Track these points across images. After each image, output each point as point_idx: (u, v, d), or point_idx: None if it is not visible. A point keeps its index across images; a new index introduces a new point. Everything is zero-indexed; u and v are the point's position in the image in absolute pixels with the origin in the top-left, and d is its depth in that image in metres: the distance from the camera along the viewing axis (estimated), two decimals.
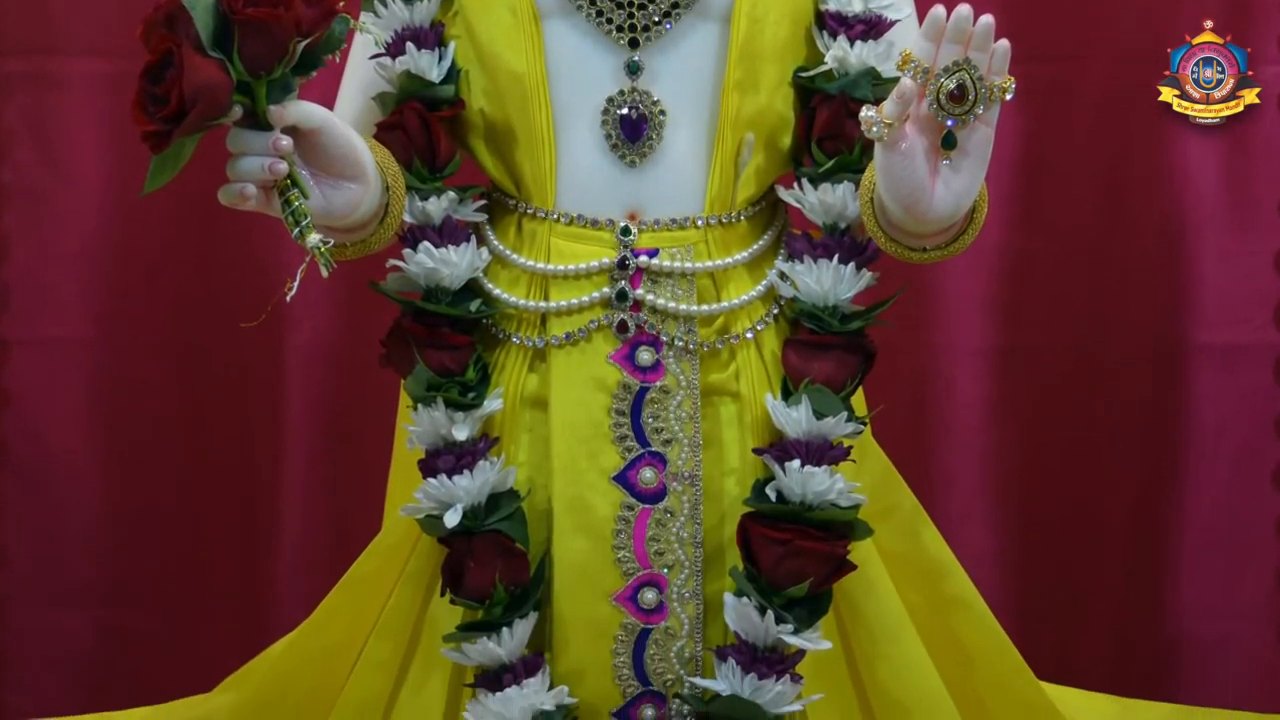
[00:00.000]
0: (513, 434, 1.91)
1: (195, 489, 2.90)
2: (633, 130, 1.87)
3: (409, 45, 1.89)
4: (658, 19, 1.87)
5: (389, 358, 1.92)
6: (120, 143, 2.81)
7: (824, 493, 1.85)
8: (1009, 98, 1.70)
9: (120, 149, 2.81)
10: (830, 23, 1.91)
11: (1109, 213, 2.86)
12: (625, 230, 1.88)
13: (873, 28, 1.91)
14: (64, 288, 2.88)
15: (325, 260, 1.65)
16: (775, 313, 1.94)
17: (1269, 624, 2.88)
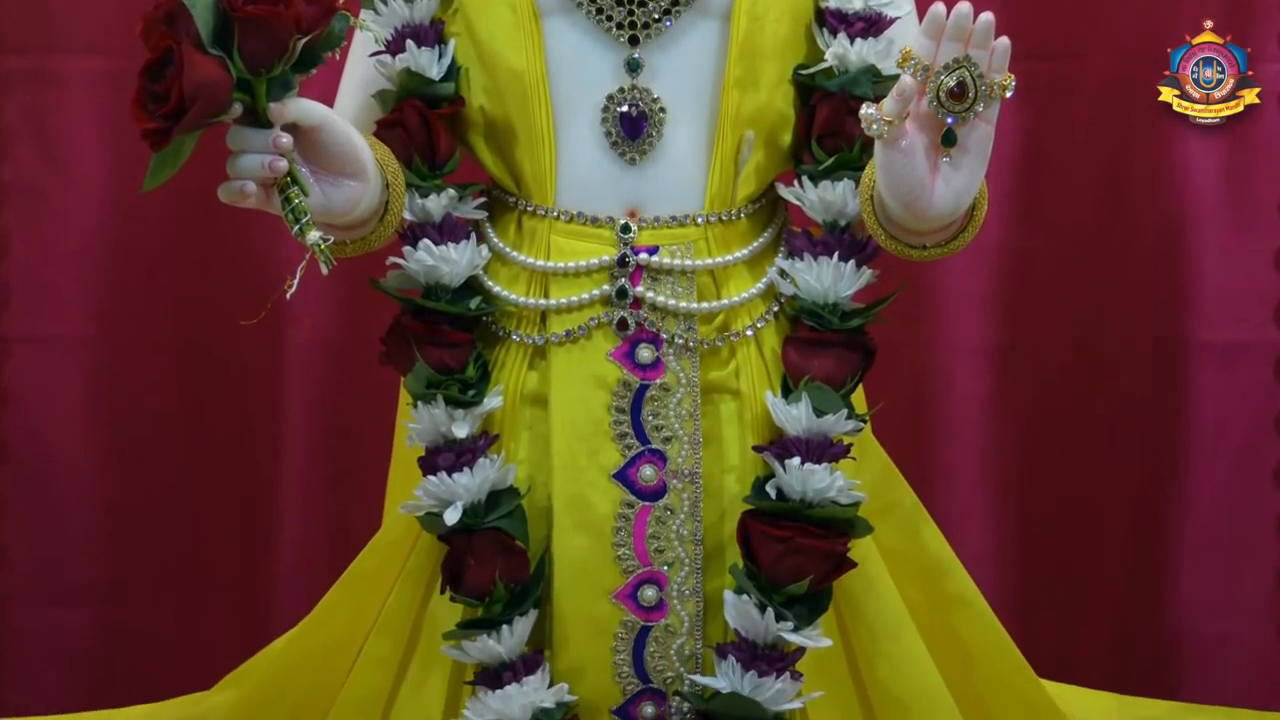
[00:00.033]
0: (513, 431, 1.91)
1: (195, 487, 2.90)
2: (633, 128, 1.87)
3: (409, 43, 1.89)
4: (658, 16, 1.87)
5: (389, 355, 1.92)
6: (120, 140, 2.81)
7: (824, 490, 1.85)
8: (1009, 95, 1.70)
9: (120, 147, 2.81)
10: (830, 20, 1.91)
11: (1109, 210, 2.86)
12: (625, 228, 1.88)
13: (873, 25, 1.91)
14: (64, 285, 2.88)
15: (325, 258, 1.66)
16: (775, 310, 1.93)
17: (1269, 622, 2.88)
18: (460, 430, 1.87)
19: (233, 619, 2.89)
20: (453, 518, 1.85)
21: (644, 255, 1.88)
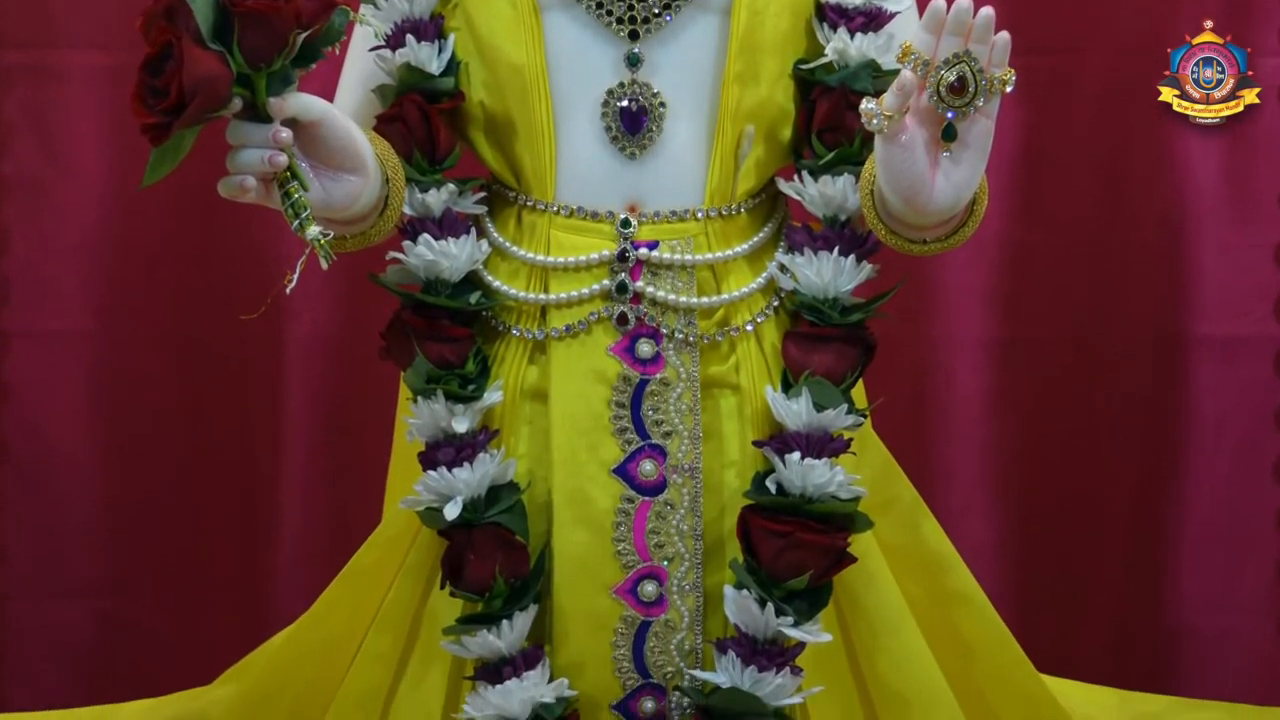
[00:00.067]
0: (513, 426, 1.91)
1: (195, 481, 2.90)
2: (632, 122, 1.87)
3: (409, 37, 1.89)
4: (658, 11, 1.87)
5: (389, 350, 1.92)
6: (120, 135, 2.80)
7: (824, 485, 1.85)
8: (1009, 90, 1.70)
9: (120, 142, 2.81)
10: (830, 15, 1.91)
11: (1109, 205, 2.86)
12: (625, 222, 1.88)
13: (873, 20, 1.91)
14: (64, 280, 2.88)
15: (325, 252, 1.65)
16: (775, 305, 1.93)
17: (1269, 617, 2.88)
18: (460, 425, 1.87)
19: (233, 614, 2.89)
20: (453, 513, 1.85)
21: (644, 250, 1.88)
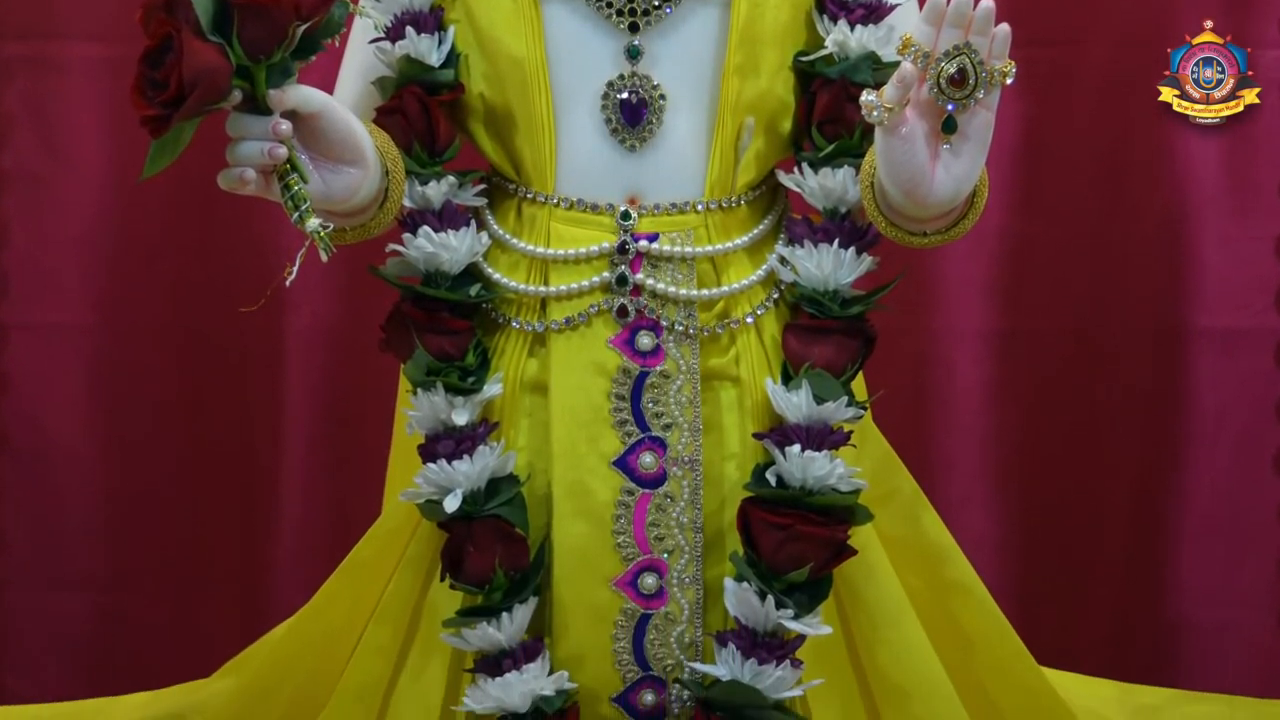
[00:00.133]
0: (512, 419, 1.90)
1: (195, 474, 2.90)
2: (632, 115, 1.87)
3: (408, 29, 1.89)
4: (658, 3, 1.86)
5: (388, 342, 1.92)
6: (120, 127, 2.80)
7: (824, 477, 1.85)
8: (1009, 82, 1.69)
9: (120, 134, 2.81)
10: (830, 7, 1.91)
11: (1109, 197, 2.86)
12: (625, 215, 1.88)
13: (873, 12, 1.91)
14: (63, 273, 2.88)
15: (325, 245, 1.65)
16: (775, 297, 1.93)
17: (1269, 610, 2.88)
18: (460, 417, 1.87)
19: (232, 606, 2.89)
20: (452, 505, 1.85)
21: (644, 242, 1.88)
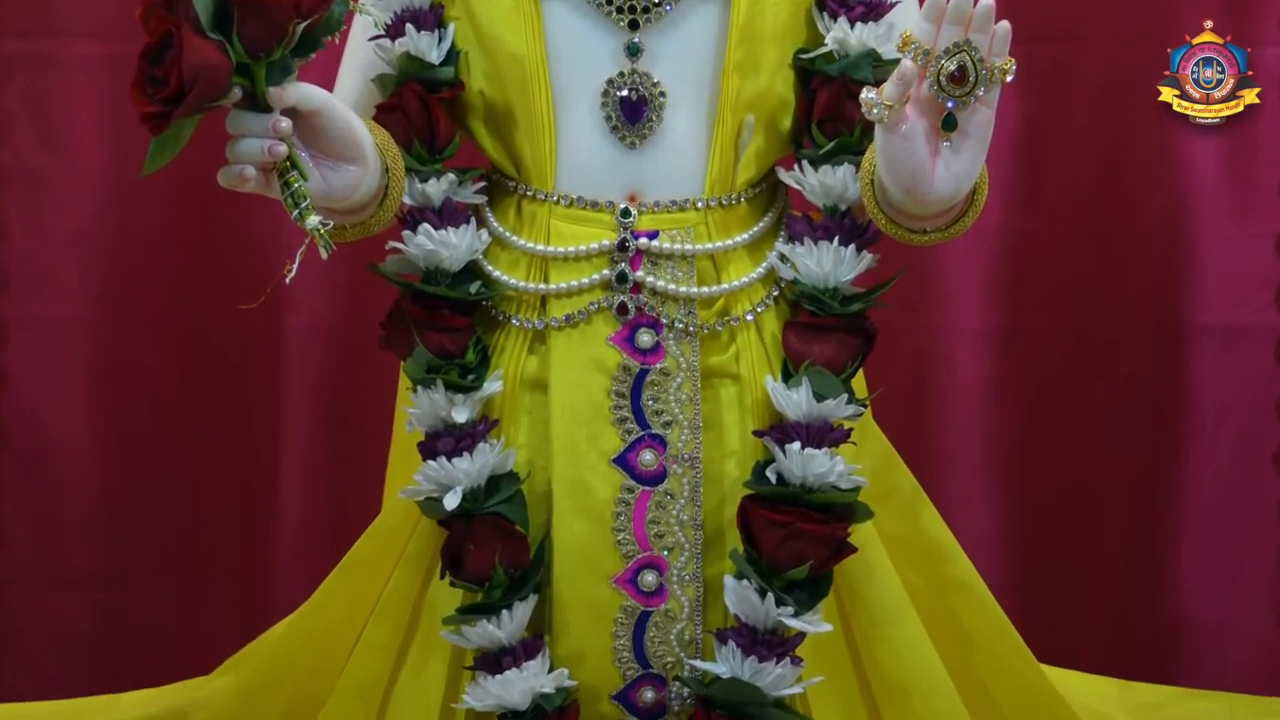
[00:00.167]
0: (512, 416, 1.90)
1: (194, 472, 2.90)
2: (632, 112, 1.87)
3: (408, 27, 1.89)
4: (658, 1, 1.86)
5: (388, 340, 1.92)
6: (120, 125, 2.80)
7: (824, 475, 1.85)
8: (1009, 79, 1.69)
9: (120, 131, 2.81)
10: (830, 4, 1.91)
11: (1110, 194, 2.86)
12: (625, 212, 1.88)
13: (873, 9, 1.91)
14: (63, 270, 2.88)
15: (324, 242, 1.65)
16: (775, 295, 1.93)
17: (1269, 607, 2.88)
18: (460, 415, 1.87)
19: (232, 604, 2.89)
20: (452, 503, 1.85)
21: (644, 240, 1.88)
